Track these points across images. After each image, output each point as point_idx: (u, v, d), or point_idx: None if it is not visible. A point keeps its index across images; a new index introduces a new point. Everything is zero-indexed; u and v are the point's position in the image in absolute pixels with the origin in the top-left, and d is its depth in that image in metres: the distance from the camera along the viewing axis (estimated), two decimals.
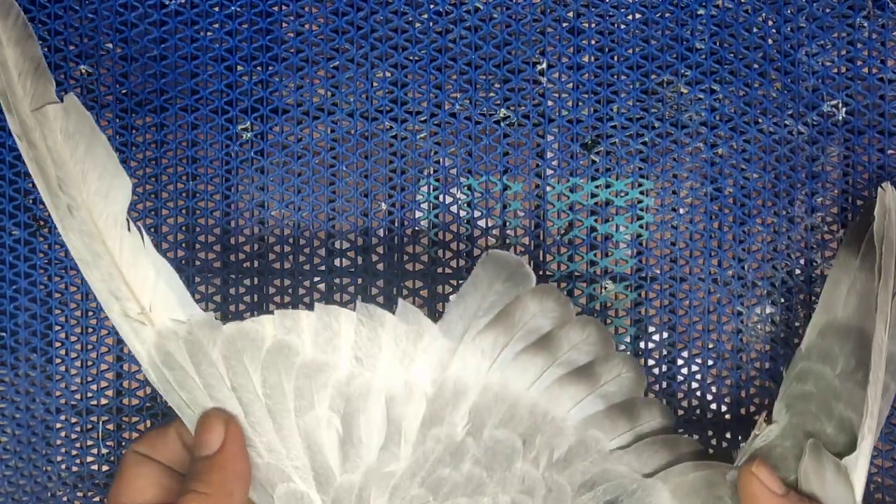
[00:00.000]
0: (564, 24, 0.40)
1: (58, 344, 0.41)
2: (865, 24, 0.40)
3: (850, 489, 0.34)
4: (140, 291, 0.33)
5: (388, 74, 0.40)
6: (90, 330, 0.41)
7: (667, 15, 0.40)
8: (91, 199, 0.32)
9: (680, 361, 0.41)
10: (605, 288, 0.41)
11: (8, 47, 0.31)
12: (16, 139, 0.32)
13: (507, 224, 0.41)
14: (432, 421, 0.34)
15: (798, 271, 0.40)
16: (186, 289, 0.34)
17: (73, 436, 0.41)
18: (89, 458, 0.41)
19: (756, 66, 0.40)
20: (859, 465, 0.34)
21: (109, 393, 0.41)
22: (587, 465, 0.35)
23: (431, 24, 0.40)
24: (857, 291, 0.36)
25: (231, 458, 0.32)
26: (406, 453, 0.34)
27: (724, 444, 0.41)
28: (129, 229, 0.33)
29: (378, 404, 0.34)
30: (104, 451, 0.41)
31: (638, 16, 0.40)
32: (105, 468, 0.41)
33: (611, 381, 0.35)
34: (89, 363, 0.41)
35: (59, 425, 0.41)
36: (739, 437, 0.41)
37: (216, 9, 0.40)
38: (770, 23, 0.40)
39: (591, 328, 0.35)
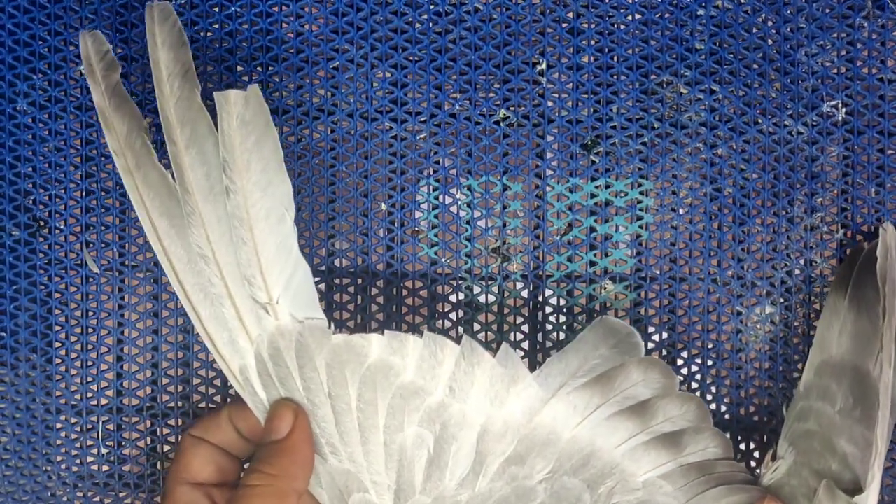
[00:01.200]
0: (564, 25, 0.40)
1: (58, 344, 0.41)
2: (865, 25, 0.40)
3: None
4: (273, 284, 0.34)
5: (387, 75, 0.40)
6: (90, 330, 0.41)
7: (666, 15, 0.40)
8: (249, 188, 0.33)
9: (680, 361, 0.41)
10: (605, 288, 0.41)
11: (162, 50, 0.34)
12: (114, 155, 0.34)
13: (507, 224, 0.41)
14: (513, 461, 0.35)
15: (797, 271, 0.40)
16: (317, 293, 0.35)
17: (73, 436, 0.41)
18: (89, 458, 0.41)
19: (756, 66, 0.40)
20: (869, 503, 0.35)
21: (109, 393, 0.41)
22: (630, 499, 0.35)
23: (431, 24, 0.40)
24: (849, 331, 0.37)
25: (297, 445, 0.34)
26: (481, 487, 0.35)
27: None
28: (281, 226, 0.34)
29: (471, 435, 0.34)
30: (104, 451, 0.41)
31: (637, 16, 0.40)
32: (105, 468, 0.42)
33: (695, 454, 0.36)
34: (89, 363, 0.41)
35: (59, 425, 0.41)
36: (739, 438, 0.41)
37: (216, 9, 0.40)
38: (770, 23, 0.40)
39: (692, 405, 0.35)
